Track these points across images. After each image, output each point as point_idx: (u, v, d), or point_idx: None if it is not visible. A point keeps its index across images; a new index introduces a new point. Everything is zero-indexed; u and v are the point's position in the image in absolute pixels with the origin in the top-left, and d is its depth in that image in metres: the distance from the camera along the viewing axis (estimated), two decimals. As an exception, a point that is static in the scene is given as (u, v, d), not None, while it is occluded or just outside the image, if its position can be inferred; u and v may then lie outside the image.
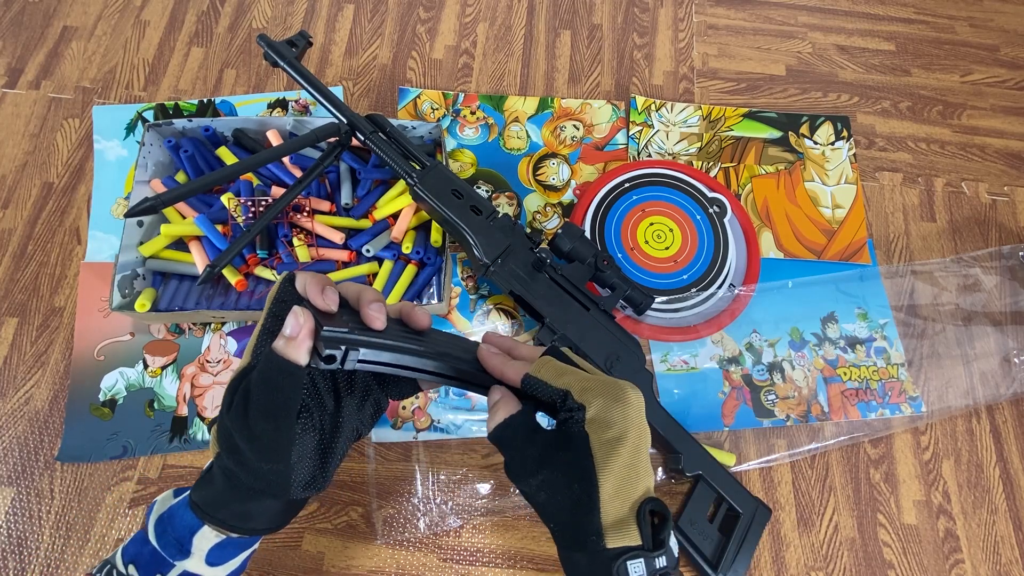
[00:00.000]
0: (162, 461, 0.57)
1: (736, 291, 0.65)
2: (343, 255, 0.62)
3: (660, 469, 0.58)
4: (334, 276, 0.61)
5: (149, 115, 0.72)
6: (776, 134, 0.75)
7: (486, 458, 0.58)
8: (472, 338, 0.63)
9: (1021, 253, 0.69)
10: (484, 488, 0.57)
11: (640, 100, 0.76)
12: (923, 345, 0.65)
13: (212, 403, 0.59)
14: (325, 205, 0.63)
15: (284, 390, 0.31)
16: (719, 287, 0.64)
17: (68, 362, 0.60)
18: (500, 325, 0.63)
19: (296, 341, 0.31)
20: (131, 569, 0.34)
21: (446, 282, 0.60)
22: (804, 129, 0.75)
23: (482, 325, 0.63)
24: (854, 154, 0.74)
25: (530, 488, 0.34)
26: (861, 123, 0.77)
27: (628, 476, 0.31)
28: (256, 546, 0.38)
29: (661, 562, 0.31)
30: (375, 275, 0.62)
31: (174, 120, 0.63)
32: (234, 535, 0.35)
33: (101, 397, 0.59)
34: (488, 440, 0.36)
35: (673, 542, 0.32)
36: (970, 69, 0.81)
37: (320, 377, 0.34)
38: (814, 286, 0.67)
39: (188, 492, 0.35)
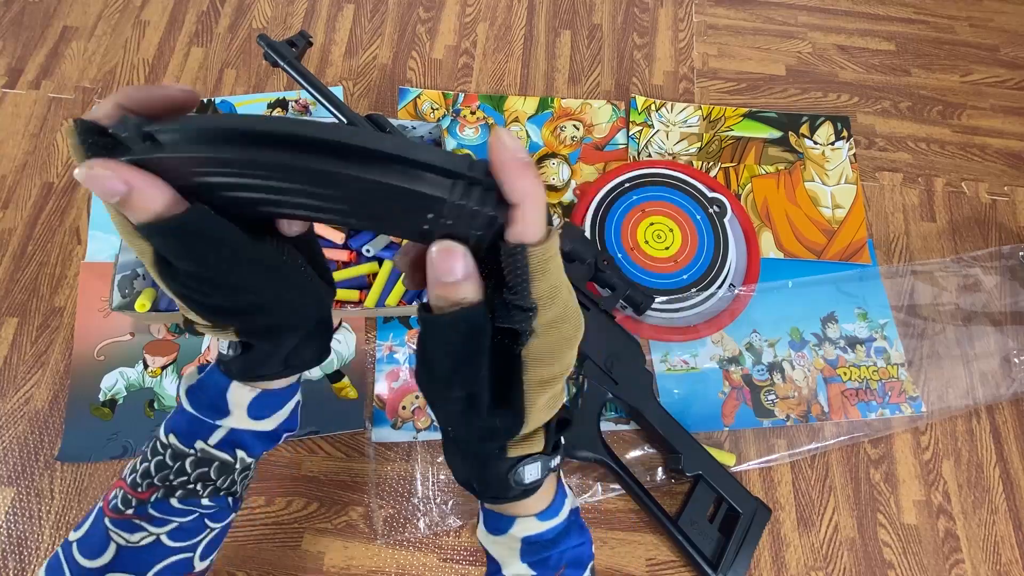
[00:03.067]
0: (162, 461, 0.57)
1: (736, 291, 0.65)
2: (343, 255, 0.62)
3: (660, 469, 0.58)
4: (335, 276, 0.61)
5: (149, 115, 0.72)
6: (776, 134, 0.75)
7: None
8: None
9: (1021, 253, 0.69)
10: (484, 488, 0.57)
11: (640, 100, 0.76)
12: (923, 345, 0.65)
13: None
14: (325, 205, 0.63)
15: (195, 244, 0.25)
16: (719, 287, 0.64)
17: (68, 362, 0.60)
18: (500, 325, 0.63)
19: (136, 193, 0.22)
20: (171, 438, 0.34)
21: (446, 282, 0.60)
22: (804, 129, 0.75)
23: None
24: (854, 154, 0.74)
25: (444, 398, 0.27)
26: (861, 123, 0.77)
27: (551, 407, 0.28)
28: (299, 398, 0.37)
29: (556, 461, 0.31)
30: (375, 275, 0.62)
31: (174, 120, 0.63)
32: (270, 384, 0.34)
33: (101, 397, 0.59)
34: (419, 319, 0.25)
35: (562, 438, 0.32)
36: (970, 69, 0.81)
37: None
38: (814, 286, 0.67)
39: (213, 363, 0.34)
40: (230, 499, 0.36)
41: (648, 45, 0.81)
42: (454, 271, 0.22)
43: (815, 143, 0.75)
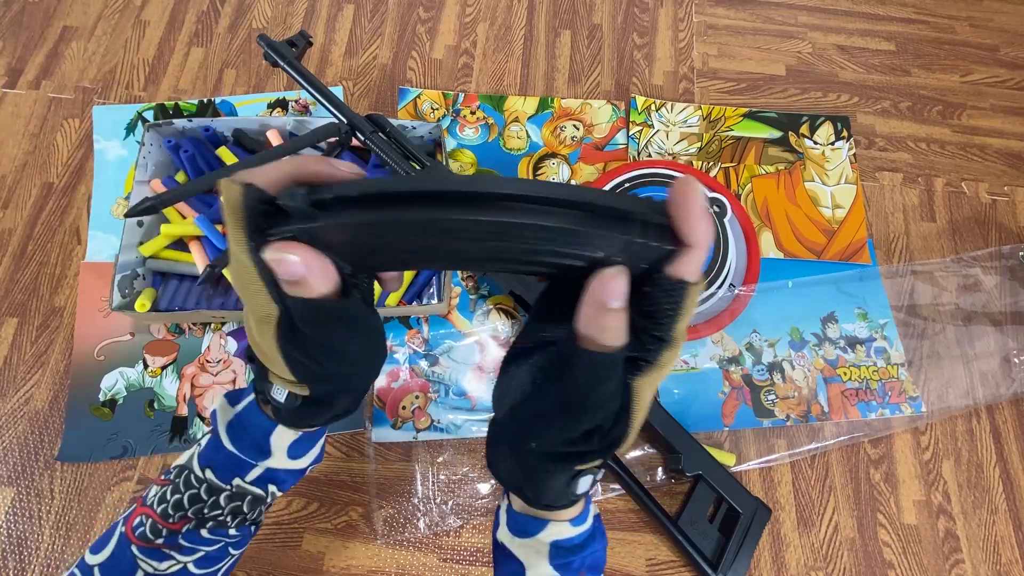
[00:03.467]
0: (162, 461, 0.57)
1: (736, 291, 0.65)
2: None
3: (660, 469, 0.58)
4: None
5: (149, 115, 0.72)
6: (776, 134, 0.75)
7: (486, 458, 0.58)
8: (471, 339, 0.63)
9: (1021, 253, 0.69)
10: (484, 488, 0.57)
11: (640, 100, 0.76)
12: (923, 345, 0.65)
13: (212, 403, 0.59)
14: (325, 205, 0.63)
15: (333, 324, 0.26)
16: (719, 287, 0.64)
17: (68, 362, 0.60)
18: (500, 325, 0.63)
19: (311, 276, 0.23)
20: (208, 473, 0.34)
21: (446, 282, 0.60)
22: (804, 129, 0.75)
23: (482, 325, 0.63)
24: (854, 154, 0.74)
25: (571, 428, 0.27)
26: (861, 123, 0.77)
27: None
28: (326, 434, 0.38)
29: (602, 472, 0.32)
30: (375, 275, 0.62)
31: (174, 120, 0.63)
32: (312, 429, 0.35)
33: (101, 397, 0.59)
34: (571, 354, 0.24)
35: None
36: (970, 69, 0.81)
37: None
38: (814, 286, 0.67)
39: (250, 397, 0.34)
40: (253, 527, 0.37)
41: (648, 45, 0.81)
42: (620, 295, 0.22)
43: (815, 143, 0.75)
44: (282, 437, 0.34)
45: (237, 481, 0.34)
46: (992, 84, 0.80)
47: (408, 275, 0.61)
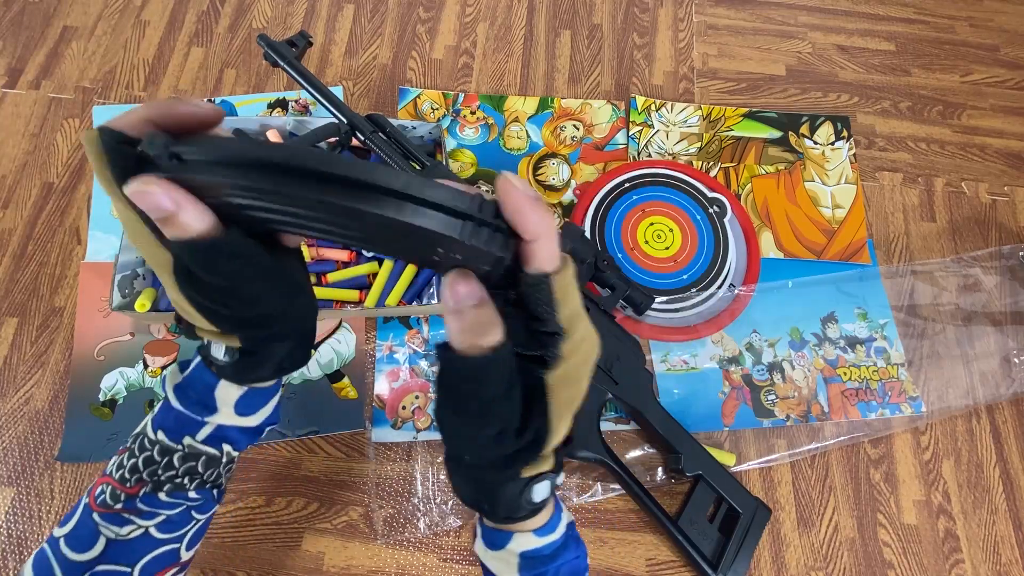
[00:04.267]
0: (162, 461, 0.57)
1: (736, 291, 0.65)
2: (343, 255, 0.62)
3: (660, 469, 0.58)
4: (333, 276, 0.61)
5: (149, 115, 0.72)
6: (776, 134, 0.75)
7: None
8: None
9: (1021, 253, 0.69)
10: (484, 488, 0.57)
11: (640, 100, 0.76)
12: (923, 345, 0.65)
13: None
14: (325, 205, 0.63)
15: (225, 265, 0.27)
16: (719, 287, 0.64)
17: (68, 362, 0.60)
18: (500, 325, 0.63)
19: (181, 213, 0.23)
20: (159, 435, 0.34)
21: (446, 282, 0.60)
22: (804, 129, 0.75)
23: (482, 325, 0.63)
24: (854, 154, 0.74)
25: (473, 435, 0.28)
26: (861, 123, 0.77)
27: (568, 426, 0.29)
28: (281, 393, 0.38)
29: (560, 478, 0.32)
30: (375, 275, 0.62)
31: (174, 120, 0.63)
32: (257, 384, 0.35)
33: (101, 397, 0.59)
34: (443, 360, 0.25)
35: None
36: (970, 69, 0.81)
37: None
38: (814, 286, 0.67)
39: (198, 359, 0.34)
40: (215, 491, 0.37)
41: (648, 45, 0.81)
42: (471, 295, 0.23)
43: (815, 143, 0.75)
44: (228, 392, 0.34)
45: (188, 440, 0.34)
46: (992, 84, 0.80)
47: (407, 274, 0.61)
